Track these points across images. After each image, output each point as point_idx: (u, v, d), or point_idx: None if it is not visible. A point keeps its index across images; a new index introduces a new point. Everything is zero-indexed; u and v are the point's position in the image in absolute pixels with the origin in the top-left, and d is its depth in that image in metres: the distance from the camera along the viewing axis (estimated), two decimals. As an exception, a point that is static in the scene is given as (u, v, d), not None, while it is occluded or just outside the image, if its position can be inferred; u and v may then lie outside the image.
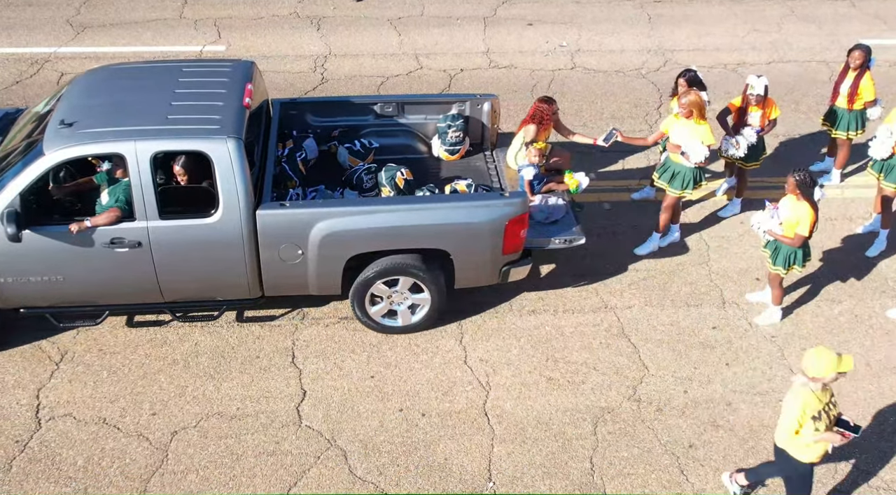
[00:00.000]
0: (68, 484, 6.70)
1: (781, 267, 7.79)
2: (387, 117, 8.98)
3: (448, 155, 8.85)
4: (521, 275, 7.96)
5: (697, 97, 8.35)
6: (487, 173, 8.73)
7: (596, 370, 7.75)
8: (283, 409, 7.32)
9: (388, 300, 7.83)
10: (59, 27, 12.98)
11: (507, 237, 7.56)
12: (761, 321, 8.21)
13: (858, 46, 9.46)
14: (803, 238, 7.55)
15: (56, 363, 7.68)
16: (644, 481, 6.84)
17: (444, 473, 6.86)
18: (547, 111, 8.63)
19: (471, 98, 8.98)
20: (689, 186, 8.60)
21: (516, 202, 7.52)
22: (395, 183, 8.06)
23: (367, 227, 7.37)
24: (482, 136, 9.06)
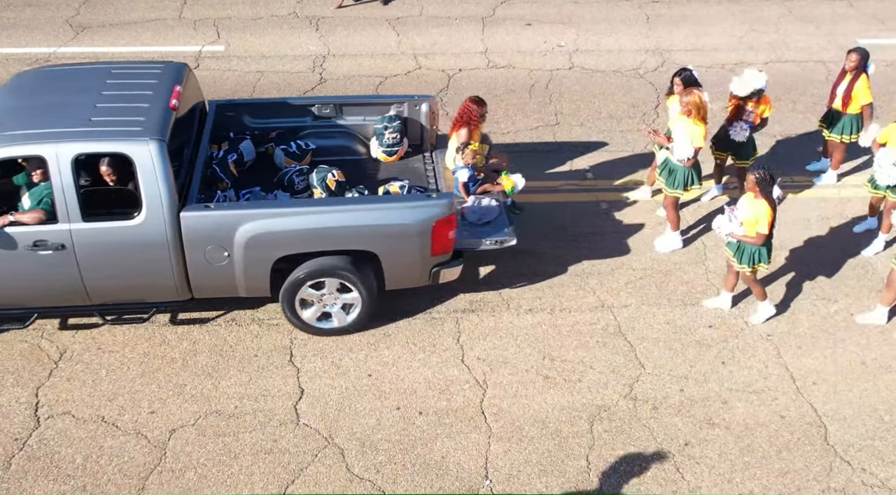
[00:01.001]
0: (67, 482, 6.73)
1: (747, 265, 7.81)
2: (325, 119, 8.97)
3: (386, 156, 8.83)
4: (453, 276, 7.93)
5: (699, 99, 8.36)
6: (425, 174, 8.71)
7: (592, 368, 7.77)
8: (281, 407, 7.35)
9: (321, 303, 7.79)
10: (58, 27, 13.01)
11: (436, 238, 7.55)
12: (756, 320, 8.23)
13: (856, 49, 9.47)
14: (764, 236, 7.59)
15: (55, 361, 7.71)
16: (640, 479, 6.87)
17: (441, 471, 6.89)
18: (476, 112, 8.61)
19: (408, 99, 8.99)
20: (679, 187, 8.63)
21: (443, 203, 7.51)
22: (327, 184, 8.08)
23: (292, 229, 7.35)
24: (422, 138, 9.06)
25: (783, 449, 7.10)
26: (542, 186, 10.02)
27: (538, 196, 9.87)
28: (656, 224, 9.46)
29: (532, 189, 9.98)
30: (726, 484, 6.84)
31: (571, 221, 9.51)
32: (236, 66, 12.21)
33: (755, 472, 6.92)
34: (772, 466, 6.97)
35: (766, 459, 7.02)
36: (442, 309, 8.35)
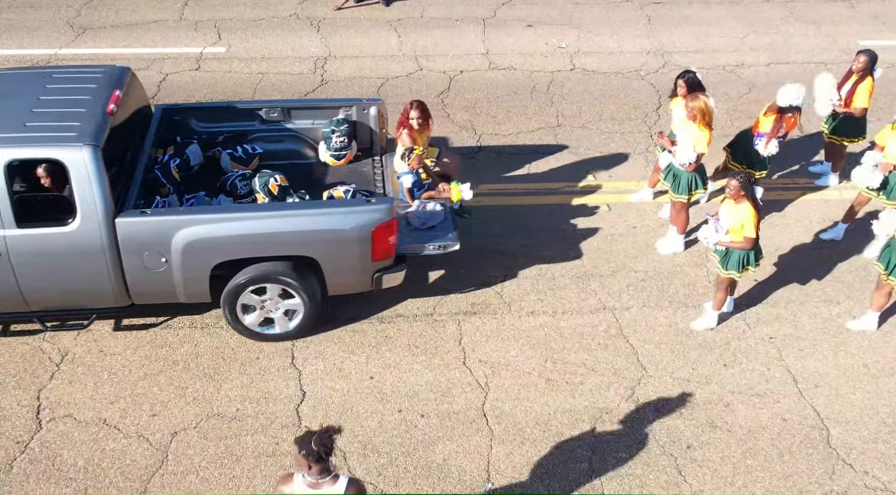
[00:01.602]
0: (69, 485, 6.72)
1: (735, 271, 7.79)
2: (273, 122, 8.93)
3: (334, 160, 8.80)
4: (396, 281, 7.90)
5: (705, 105, 8.30)
6: (373, 179, 8.68)
7: (594, 371, 7.77)
8: (283, 410, 7.34)
9: (262, 308, 7.75)
10: (59, 29, 13.01)
11: (376, 243, 7.51)
12: (697, 325, 8.17)
13: (865, 51, 9.38)
14: (752, 239, 7.57)
15: (56, 364, 7.71)
16: (642, 482, 6.86)
17: (443, 474, 6.89)
18: (405, 114, 8.56)
19: (357, 102, 8.96)
20: (684, 192, 8.63)
21: (383, 208, 7.48)
22: (269, 189, 8.04)
23: (229, 235, 7.30)
24: (371, 141, 9.02)
25: (785, 451, 7.10)
26: (544, 188, 10.01)
27: (539, 198, 9.87)
28: (658, 226, 9.46)
29: (533, 191, 10.00)
30: (728, 487, 6.84)
31: (573, 223, 9.51)
32: (237, 67, 12.21)
33: (757, 475, 6.92)
34: (774, 469, 6.96)
35: (769, 462, 7.02)
36: (444, 311, 8.35)
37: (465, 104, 11.52)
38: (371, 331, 8.10)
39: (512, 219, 9.53)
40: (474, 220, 9.43)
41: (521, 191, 9.99)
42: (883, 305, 8.06)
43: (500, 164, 10.38)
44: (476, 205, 9.70)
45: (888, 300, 8.03)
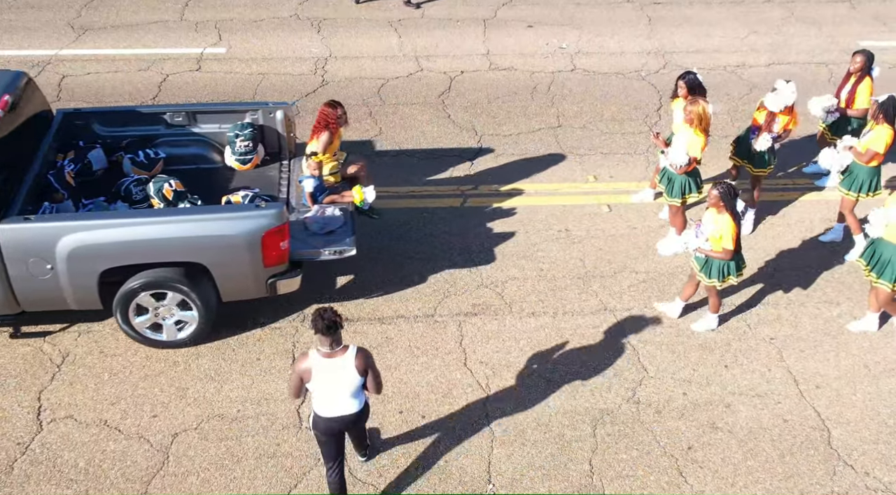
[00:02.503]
0: (69, 487, 6.72)
1: (717, 280, 7.78)
2: (178, 127, 8.89)
3: (240, 164, 8.77)
4: (292, 286, 7.79)
5: (703, 110, 8.28)
6: (278, 183, 8.64)
7: (595, 372, 7.77)
8: (284, 411, 7.34)
9: (154, 313, 7.65)
10: (60, 29, 13.01)
11: (266, 249, 7.43)
12: (698, 327, 8.18)
13: (861, 51, 9.42)
14: (731, 251, 7.56)
15: (57, 365, 7.71)
16: (643, 483, 6.86)
17: (444, 475, 6.88)
18: (332, 115, 8.51)
19: (262, 106, 8.93)
20: (677, 195, 8.63)
21: (272, 214, 7.39)
22: (163, 194, 7.99)
23: (114, 241, 7.22)
24: (279, 145, 8.99)
25: (786, 452, 7.09)
26: (544, 189, 10.01)
27: (540, 198, 9.88)
28: (659, 227, 9.46)
29: (534, 192, 10.00)
30: (729, 488, 6.83)
31: (573, 224, 9.51)
32: (238, 68, 12.21)
33: (758, 476, 6.91)
34: (775, 470, 6.96)
35: (770, 463, 7.01)
36: (444, 312, 8.35)
37: (466, 105, 11.52)
38: (372, 332, 8.10)
39: (511, 220, 9.53)
40: (474, 220, 9.45)
41: (521, 191, 9.99)
42: (880, 305, 8.04)
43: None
44: (476, 205, 9.71)
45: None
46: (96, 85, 11.69)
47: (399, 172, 10.23)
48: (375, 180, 9.23)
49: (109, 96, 11.41)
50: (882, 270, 7.66)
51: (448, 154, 10.58)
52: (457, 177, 10.18)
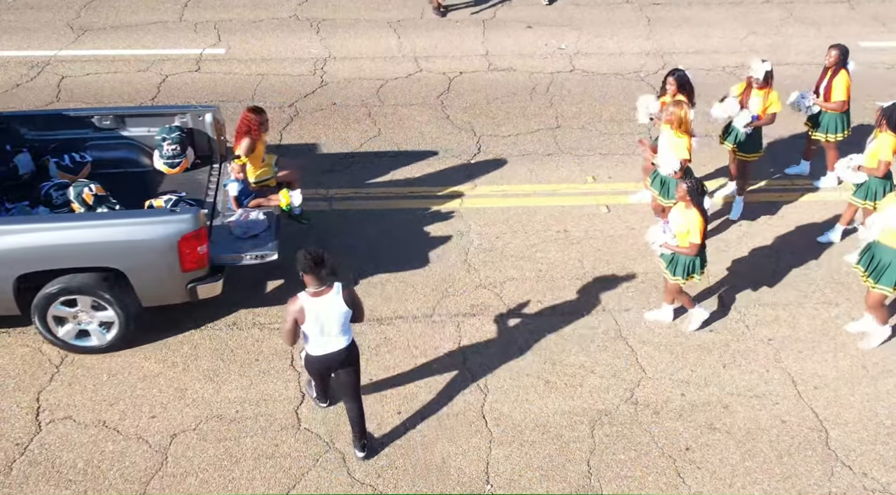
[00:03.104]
0: (68, 487, 6.73)
1: (681, 277, 7.78)
2: (107, 130, 8.85)
3: (168, 168, 8.74)
4: (214, 291, 7.73)
5: (682, 111, 8.26)
6: (206, 187, 8.62)
7: (593, 373, 7.77)
8: (282, 412, 7.34)
9: (75, 320, 7.59)
10: (59, 30, 13.02)
11: (183, 254, 7.38)
12: (651, 316, 8.21)
13: (835, 46, 9.51)
14: (697, 246, 7.55)
15: (56, 366, 7.71)
16: (641, 484, 6.86)
17: (442, 475, 6.89)
18: (255, 120, 8.46)
19: (191, 109, 8.91)
20: (673, 198, 8.50)
21: (187, 218, 7.35)
22: (83, 199, 7.92)
23: (28, 246, 7.17)
24: (210, 149, 8.98)
25: (784, 453, 7.10)
26: (543, 190, 10.02)
27: (538, 199, 9.88)
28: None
29: (532, 192, 10.00)
30: (727, 488, 6.84)
31: (572, 225, 9.51)
32: (237, 68, 12.22)
33: (756, 477, 6.92)
34: (773, 471, 6.97)
35: (768, 464, 7.02)
36: (443, 313, 8.35)
37: (465, 105, 11.53)
38: (370, 333, 8.10)
39: (511, 221, 9.53)
40: (472, 221, 9.46)
41: (519, 192, 9.99)
42: (870, 309, 7.99)
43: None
44: (475, 206, 9.72)
45: (887, 309, 7.97)
46: (95, 85, 11.70)
47: (397, 173, 10.24)
48: (377, 180, 9.28)
49: (108, 97, 11.42)
50: (880, 275, 7.62)
51: (447, 154, 10.58)
52: (455, 178, 10.18)
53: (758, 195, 10.00)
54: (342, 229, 9.34)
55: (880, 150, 8.45)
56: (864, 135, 10.10)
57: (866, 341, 8.05)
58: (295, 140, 10.78)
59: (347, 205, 9.72)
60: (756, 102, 9.14)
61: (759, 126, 9.25)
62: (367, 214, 9.57)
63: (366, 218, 9.52)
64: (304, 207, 8.58)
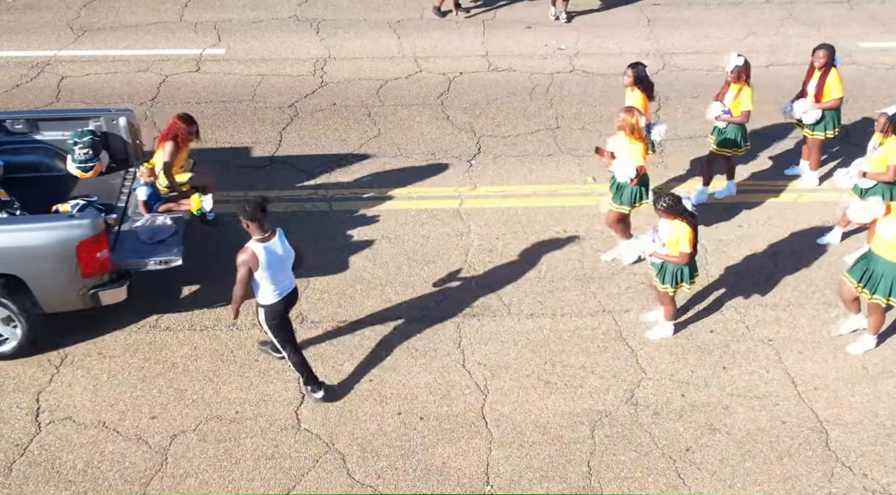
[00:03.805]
0: (68, 488, 6.72)
1: (669, 285, 7.75)
2: (20, 134, 8.76)
3: (81, 172, 8.69)
4: (118, 297, 7.67)
5: (633, 118, 8.20)
6: (119, 191, 8.57)
7: (593, 374, 7.77)
8: (282, 413, 7.34)
9: None
10: (59, 30, 13.01)
11: (83, 260, 7.32)
12: (653, 336, 8.14)
13: (822, 46, 9.51)
14: (687, 255, 7.51)
15: (56, 367, 7.71)
16: (641, 484, 6.86)
17: (442, 476, 6.89)
18: (183, 130, 8.43)
19: (105, 113, 8.86)
20: (627, 203, 8.53)
21: (86, 223, 7.29)
22: None
23: None
24: (126, 152, 8.93)
25: (784, 454, 7.10)
26: (543, 190, 10.02)
27: (538, 199, 9.88)
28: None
29: (532, 193, 10.00)
30: (727, 489, 6.84)
31: (572, 225, 9.51)
32: (237, 69, 12.21)
33: (756, 478, 6.92)
34: (773, 472, 6.97)
35: (768, 464, 7.02)
36: (443, 313, 8.35)
37: (465, 106, 11.52)
38: (370, 334, 8.10)
39: (511, 221, 9.53)
40: (472, 221, 9.46)
41: (519, 192, 9.99)
42: (875, 318, 7.90)
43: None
44: (474, 206, 9.72)
45: (883, 318, 7.90)
46: (95, 86, 11.70)
47: (397, 173, 10.24)
48: (378, 181, 9.28)
49: (108, 97, 11.41)
50: (875, 285, 7.56)
51: (447, 155, 10.58)
52: (455, 179, 10.18)
53: (757, 196, 10.00)
54: (342, 229, 9.34)
55: (889, 156, 8.44)
56: (858, 134, 10.13)
57: (856, 345, 8.06)
58: (295, 140, 10.78)
59: (347, 205, 9.72)
60: (729, 96, 9.25)
61: (732, 122, 9.30)
62: (366, 215, 9.57)
63: (366, 218, 9.51)
64: (216, 211, 8.52)
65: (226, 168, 10.17)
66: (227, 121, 11.09)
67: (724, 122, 9.35)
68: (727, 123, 9.35)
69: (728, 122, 9.33)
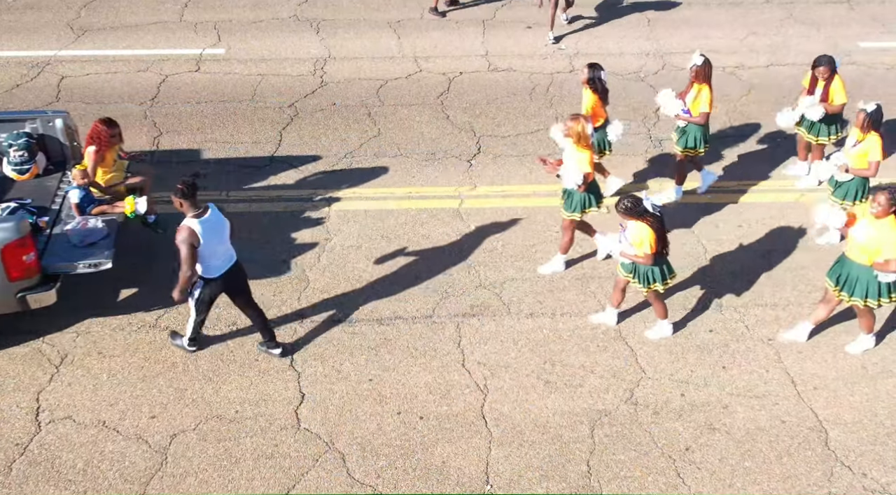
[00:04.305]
0: (68, 487, 6.73)
1: (642, 285, 7.73)
2: None
3: (17, 174, 8.68)
4: (46, 301, 7.61)
5: (580, 126, 8.13)
6: (54, 194, 8.54)
7: (593, 373, 7.77)
8: (282, 412, 7.35)
9: None
10: (59, 30, 13.02)
11: (8, 263, 7.27)
12: (652, 335, 8.12)
13: (822, 60, 9.41)
14: (650, 255, 7.49)
15: (56, 366, 7.71)
16: (641, 484, 6.87)
17: (442, 476, 6.89)
18: (105, 133, 8.39)
19: (41, 114, 8.84)
20: (577, 210, 8.46)
21: (10, 227, 7.25)
22: None
23: None
24: (64, 155, 8.90)
25: (784, 453, 7.10)
26: (542, 190, 10.01)
27: (538, 199, 9.88)
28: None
29: (532, 193, 10.00)
30: (727, 489, 6.84)
31: (572, 225, 9.51)
32: (237, 68, 12.22)
33: (756, 477, 6.92)
34: (773, 471, 6.97)
35: (767, 464, 7.02)
36: (443, 313, 8.35)
37: (465, 106, 11.53)
38: (370, 333, 8.10)
39: (510, 221, 9.53)
40: (472, 221, 9.46)
41: (519, 192, 10.00)
42: (869, 325, 7.91)
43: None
44: (475, 206, 9.72)
45: (872, 316, 7.87)
46: (95, 86, 11.70)
47: (397, 173, 10.24)
48: (377, 181, 9.28)
49: (109, 97, 11.43)
50: (853, 288, 7.56)
51: (447, 155, 10.58)
52: (455, 178, 10.19)
53: (756, 195, 10.01)
54: (342, 229, 9.34)
55: (870, 152, 8.56)
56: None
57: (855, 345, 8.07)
58: (295, 140, 10.78)
59: (347, 204, 9.72)
60: (690, 96, 9.28)
61: (690, 122, 9.33)
62: (367, 214, 9.57)
63: (366, 218, 9.52)
64: (159, 213, 8.49)
65: (226, 167, 10.19)
66: (227, 120, 11.10)
67: (684, 120, 9.36)
68: (687, 123, 9.37)
69: (687, 122, 9.35)
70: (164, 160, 10.26)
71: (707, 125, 9.42)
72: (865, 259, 7.41)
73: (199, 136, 10.76)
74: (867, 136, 8.54)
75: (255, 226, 9.26)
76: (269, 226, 9.34)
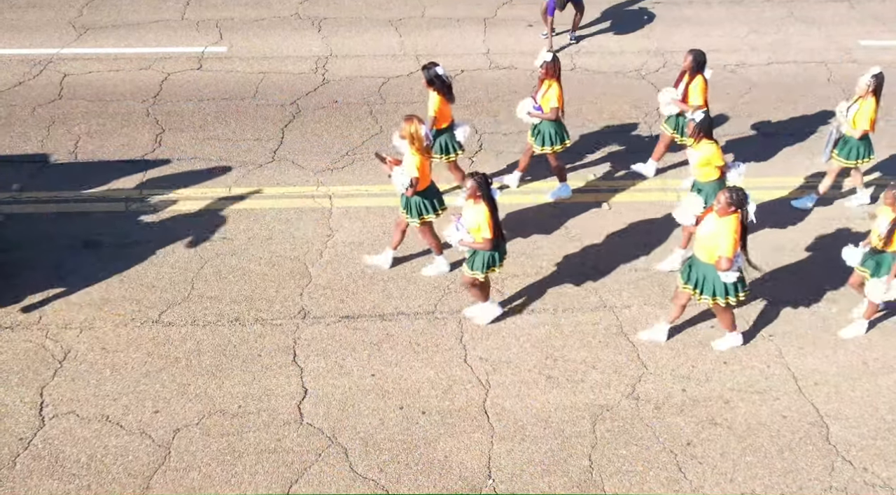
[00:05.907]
0: (71, 481, 6.75)
1: (479, 271, 7.73)
2: None
3: None
4: None
5: (412, 127, 7.99)
6: None
7: (595, 368, 7.80)
8: (285, 407, 7.37)
9: None
10: (61, 28, 13.04)
11: None
12: (480, 320, 8.14)
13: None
14: (489, 240, 7.50)
15: (59, 361, 7.74)
16: (642, 478, 6.89)
17: (444, 470, 6.92)
18: None
19: None
20: (415, 216, 8.32)
21: None
22: None
23: None
24: None
25: (785, 448, 7.13)
26: (545, 187, 10.04)
27: (539, 196, 9.90)
28: (657, 228, 9.47)
29: (533, 189, 10.02)
30: (728, 483, 6.87)
31: (574, 222, 9.54)
32: (239, 67, 12.24)
33: (757, 472, 6.95)
34: (774, 466, 6.99)
35: (768, 459, 7.05)
36: (445, 309, 8.38)
37: (466, 103, 11.54)
38: (372, 329, 8.13)
39: (511, 218, 9.55)
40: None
41: (520, 189, 10.02)
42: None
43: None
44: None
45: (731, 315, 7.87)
46: (98, 84, 11.72)
47: (399, 170, 10.26)
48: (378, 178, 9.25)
49: (111, 95, 11.45)
50: (702, 287, 7.54)
51: (448, 152, 10.59)
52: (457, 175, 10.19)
53: (758, 193, 10.00)
54: (344, 225, 9.37)
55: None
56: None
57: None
58: (297, 138, 10.80)
59: (349, 201, 9.75)
60: (540, 93, 9.34)
61: (542, 119, 9.34)
62: (369, 211, 9.60)
63: (368, 214, 9.54)
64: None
65: (227, 166, 10.21)
66: (230, 118, 11.12)
67: (536, 117, 9.37)
68: (540, 120, 9.37)
69: (540, 119, 9.36)
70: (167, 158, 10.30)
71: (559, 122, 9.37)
72: (705, 255, 7.41)
73: (201, 134, 10.78)
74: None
75: (258, 223, 9.29)
76: (271, 222, 9.36)
